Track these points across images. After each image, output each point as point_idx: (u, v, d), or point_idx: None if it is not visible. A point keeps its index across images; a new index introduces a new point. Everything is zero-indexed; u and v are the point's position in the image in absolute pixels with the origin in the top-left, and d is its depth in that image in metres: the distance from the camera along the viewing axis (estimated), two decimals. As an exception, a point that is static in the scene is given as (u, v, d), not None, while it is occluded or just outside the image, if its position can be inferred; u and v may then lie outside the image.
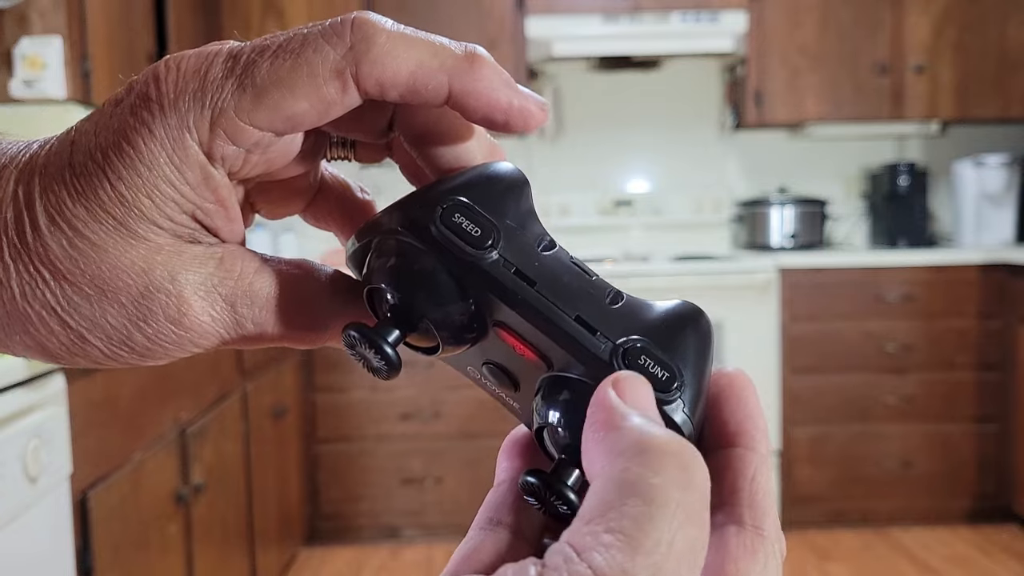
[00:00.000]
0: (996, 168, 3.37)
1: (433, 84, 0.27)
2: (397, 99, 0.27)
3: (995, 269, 3.10)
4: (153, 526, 1.79)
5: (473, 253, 0.26)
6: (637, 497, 0.20)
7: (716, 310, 3.08)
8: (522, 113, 0.28)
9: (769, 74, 3.35)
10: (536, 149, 3.66)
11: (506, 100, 0.28)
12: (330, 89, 0.26)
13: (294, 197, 0.33)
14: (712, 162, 3.70)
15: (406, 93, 0.27)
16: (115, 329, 0.27)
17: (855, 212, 3.69)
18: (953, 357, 3.14)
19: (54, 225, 0.26)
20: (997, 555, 2.93)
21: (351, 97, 0.27)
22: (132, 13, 2.54)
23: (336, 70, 0.26)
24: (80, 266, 0.26)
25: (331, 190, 0.34)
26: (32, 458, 1.32)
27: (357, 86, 0.27)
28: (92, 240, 0.26)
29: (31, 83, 2.08)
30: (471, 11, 3.27)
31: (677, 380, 0.25)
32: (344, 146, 0.32)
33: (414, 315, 0.27)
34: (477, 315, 0.27)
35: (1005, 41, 3.34)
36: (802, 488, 3.16)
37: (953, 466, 3.17)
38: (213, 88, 0.26)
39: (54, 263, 0.26)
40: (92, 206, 0.26)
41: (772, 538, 0.24)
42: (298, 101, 0.26)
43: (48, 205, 0.26)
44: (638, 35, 3.27)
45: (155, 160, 0.26)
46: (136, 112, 0.26)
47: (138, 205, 0.26)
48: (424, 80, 0.27)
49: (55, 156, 0.27)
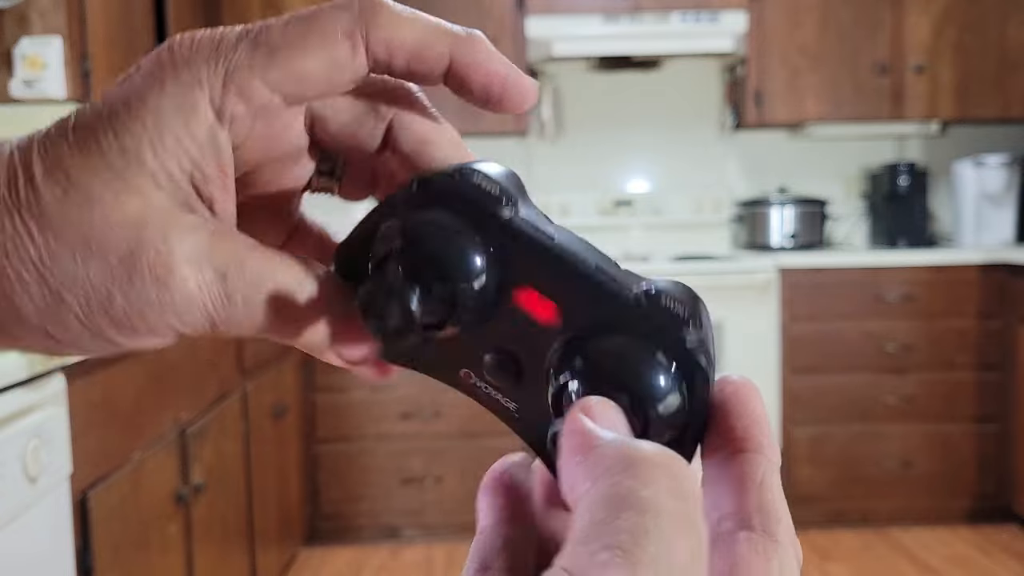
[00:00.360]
0: (996, 168, 3.37)
1: (436, 51, 0.28)
2: (402, 66, 0.28)
3: (995, 269, 3.10)
4: (153, 526, 1.79)
5: (495, 208, 0.27)
6: (630, 510, 0.19)
7: (716, 310, 3.08)
8: (518, 86, 0.29)
9: (769, 74, 3.35)
10: (536, 149, 3.66)
11: (504, 71, 0.29)
12: (341, 49, 0.27)
13: (271, 229, 0.32)
14: (712, 162, 3.70)
15: (411, 59, 0.28)
16: (95, 289, 0.26)
17: (855, 212, 3.69)
18: (953, 357, 3.14)
19: (49, 176, 0.26)
20: (997, 555, 2.93)
21: (360, 61, 0.27)
22: (132, 13, 2.54)
23: (347, 31, 0.27)
24: (71, 219, 0.26)
25: (309, 232, 0.33)
26: (32, 458, 1.32)
27: (366, 50, 0.27)
28: (87, 191, 0.26)
29: (31, 83, 2.08)
30: (471, 11, 3.27)
31: (697, 321, 0.25)
32: (330, 175, 0.32)
33: (431, 273, 0.26)
34: (496, 273, 0.26)
35: (1005, 41, 3.34)
36: (802, 488, 3.16)
37: (953, 466, 3.17)
38: (227, 48, 0.27)
39: (45, 214, 0.25)
40: (91, 156, 0.26)
41: (786, 543, 0.23)
42: (309, 59, 0.27)
43: (45, 158, 0.26)
44: (638, 35, 3.27)
45: (162, 111, 0.26)
46: (147, 76, 0.26)
47: (140, 156, 0.26)
48: (429, 45, 0.28)
49: (58, 124, 0.27)
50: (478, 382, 0.28)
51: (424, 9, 0.29)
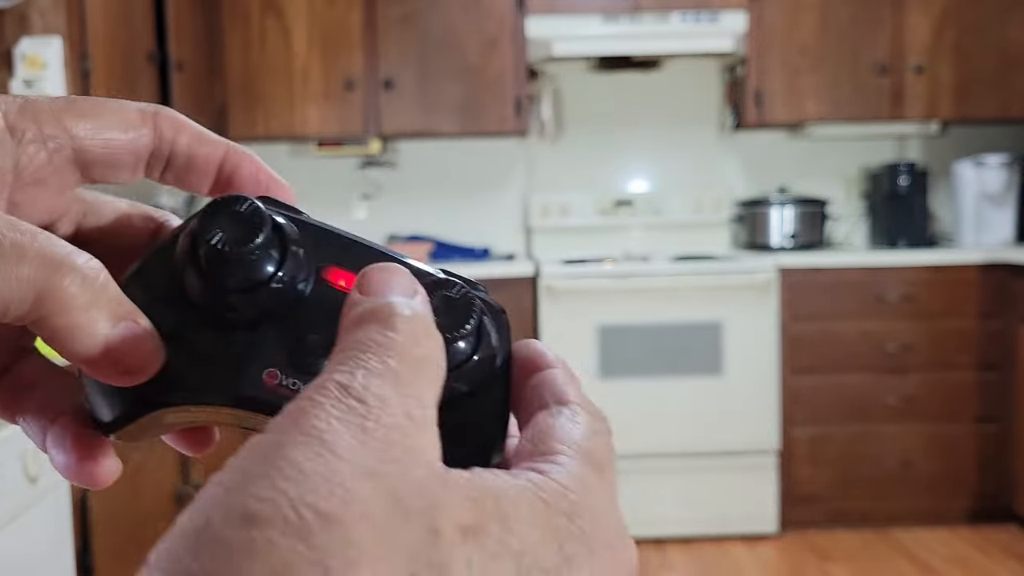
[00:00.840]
0: (996, 168, 3.37)
1: (215, 138, 0.31)
2: (184, 147, 0.30)
3: (995, 269, 3.10)
4: (153, 526, 1.79)
5: (298, 216, 0.29)
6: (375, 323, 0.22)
7: (716, 310, 3.08)
8: (281, 184, 0.32)
9: (769, 74, 3.35)
10: (536, 149, 3.66)
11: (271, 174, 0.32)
12: (132, 114, 0.29)
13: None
14: (712, 162, 3.70)
15: (193, 141, 0.30)
16: None
17: (855, 212, 3.69)
18: (953, 357, 3.14)
19: None
20: (997, 555, 2.93)
21: (147, 129, 0.29)
22: (132, 13, 2.54)
23: (139, 107, 0.30)
24: None
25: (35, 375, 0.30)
26: (32, 458, 1.32)
27: (154, 127, 0.29)
28: None
29: (31, 83, 2.08)
30: (471, 11, 3.27)
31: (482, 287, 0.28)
32: None
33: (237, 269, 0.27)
34: (301, 261, 0.28)
35: (1005, 41, 3.34)
36: (802, 488, 3.16)
37: (953, 466, 3.17)
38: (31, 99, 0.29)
39: None
40: None
41: (578, 403, 0.26)
42: (103, 113, 0.29)
43: None
44: (638, 35, 3.27)
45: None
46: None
47: None
48: (209, 136, 0.31)
49: None
50: (285, 379, 0.27)
51: (425, 9, 0.29)
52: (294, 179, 2.64)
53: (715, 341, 3.09)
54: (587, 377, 3.03)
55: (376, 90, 3.31)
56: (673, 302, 3.08)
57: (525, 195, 3.67)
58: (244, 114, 3.28)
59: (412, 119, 3.33)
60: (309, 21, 3.27)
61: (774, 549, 3.05)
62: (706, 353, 3.09)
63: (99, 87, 2.27)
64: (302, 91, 3.29)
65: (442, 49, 3.29)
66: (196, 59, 3.04)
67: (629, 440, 3.06)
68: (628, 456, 3.06)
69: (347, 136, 3.36)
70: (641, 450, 3.08)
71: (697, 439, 3.10)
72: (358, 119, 3.32)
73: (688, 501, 3.11)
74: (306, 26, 3.27)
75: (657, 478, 3.10)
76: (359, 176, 3.63)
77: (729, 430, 3.10)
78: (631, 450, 3.06)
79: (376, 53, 3.29)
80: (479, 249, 3.52)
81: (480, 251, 3.51)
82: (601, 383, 3.05)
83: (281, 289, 0.27)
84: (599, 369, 3.07)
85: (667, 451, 3.10)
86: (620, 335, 3.08)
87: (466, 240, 3.63)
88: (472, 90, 3.31)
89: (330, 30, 3.28)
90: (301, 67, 3.28)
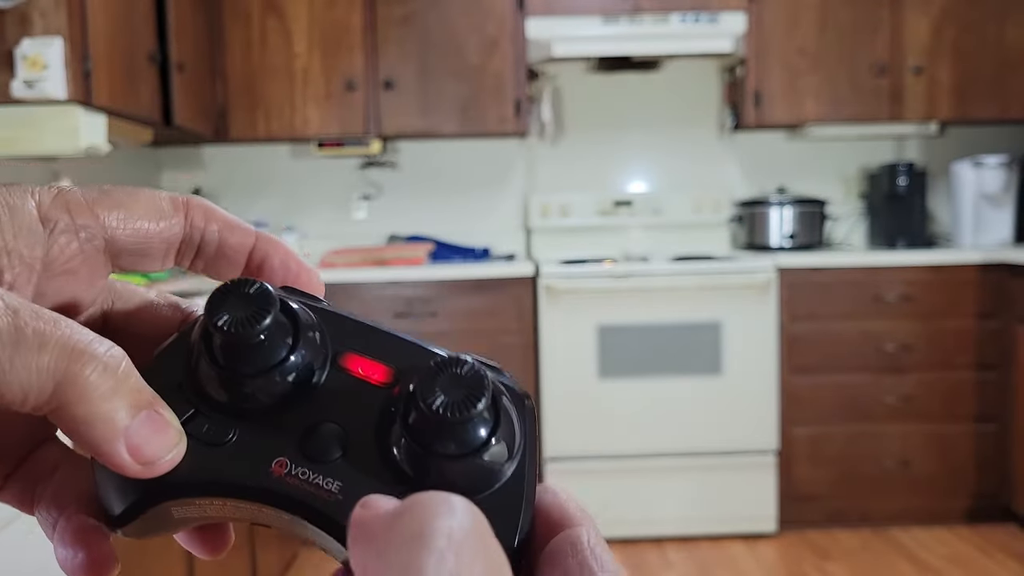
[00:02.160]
0: (995, 168, 3.38)
1: (245, 228, 0.31)
2: (213, 234, 0.30)
3: (994, 269, 3.11)
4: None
5: (317, 304, 0.29)
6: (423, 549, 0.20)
7: (715, 310, 3.09)
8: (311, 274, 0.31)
9: (768, 75, 3.36)
10: (536, 150, 3.66)
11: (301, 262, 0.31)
12: (164, 201, 0.29)
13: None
14: (711, 162, 3.70)
15: (223, 227, 0.30)
16: None
17: (854, 212, 3.70)
18: (952, 357, 3.15)
19: None
20: (996, 555, 2.94)
21: (178, 219, 0.29)
22: (133, 13, 2.54)
23: (171, 196, 0.30)
24: None
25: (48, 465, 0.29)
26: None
27: (185, 215, 0.29)
28: None
29: (32, 83, 2.08)
30: (471, 11, 3.28)
31: (508, 375, 0.28)
32: None
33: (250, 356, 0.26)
34: (317, 347, 0.27)
35: (1004, 41, 3.34)
36: (802, 488, 3.16)
37: (952, 466, 3.17)
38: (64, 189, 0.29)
39: None
40: None
41: (611, 570, 0.24)
42: (136, 201, 0.29)
43: None
44: (638, 36, 3.28)
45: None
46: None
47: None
48: (240, 224, 0.31)
49: None
50: (294, 468, 0.26)
51: (425, 9, 0.29)
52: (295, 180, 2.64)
53: (714, 341, 3.09)
54: (587, 377, 3.04)
55: (376, 91, 3.31)
56: (672, 302, 3.08)
57: (525, 195, 3.68)
58: (245, 115, 3.29)
59: (412, 120, 3.33)
60: (309, 22, 3.28)
61: (773, 548, 3.06)
62: (705, 353, 3.09)
63: (100, 88, 2.27)
64: (303, 92, 3.30)
65: (442, 50, 3.29)
66: (197, 60, 3.04)
67: (628, 440, 3.07)
68: (627, 456, 3.07)
69: (348, 136, 3.36)
70: (640, 450, 3.08)
71: (696, 439, 3.11)
72: (358, 120, 3.32)
73: (687, 500, 3.12)
74: (307, 27, 3.27)
75: (657, 478, 3.10)
76: (359, 176, 3.63)
77: (728, 430, 3.11)
78: (630, 450, 3.07)
79: (376, 54, 3.30)
80: (479, 249, 3.52)
81: (480, 251, 3.51)
82: (601, 383, 3.05)
83: (294, 374, 0.26)
84: (599, 369, 3.07)
85: (666, 451, 3.10)
86: (620, 335, 3.08)
87: (466, 240, 3.64)
88: (472, 90, 3.32)
89: (330, 31, 3.28)
90: (302, 68, 3.29)
